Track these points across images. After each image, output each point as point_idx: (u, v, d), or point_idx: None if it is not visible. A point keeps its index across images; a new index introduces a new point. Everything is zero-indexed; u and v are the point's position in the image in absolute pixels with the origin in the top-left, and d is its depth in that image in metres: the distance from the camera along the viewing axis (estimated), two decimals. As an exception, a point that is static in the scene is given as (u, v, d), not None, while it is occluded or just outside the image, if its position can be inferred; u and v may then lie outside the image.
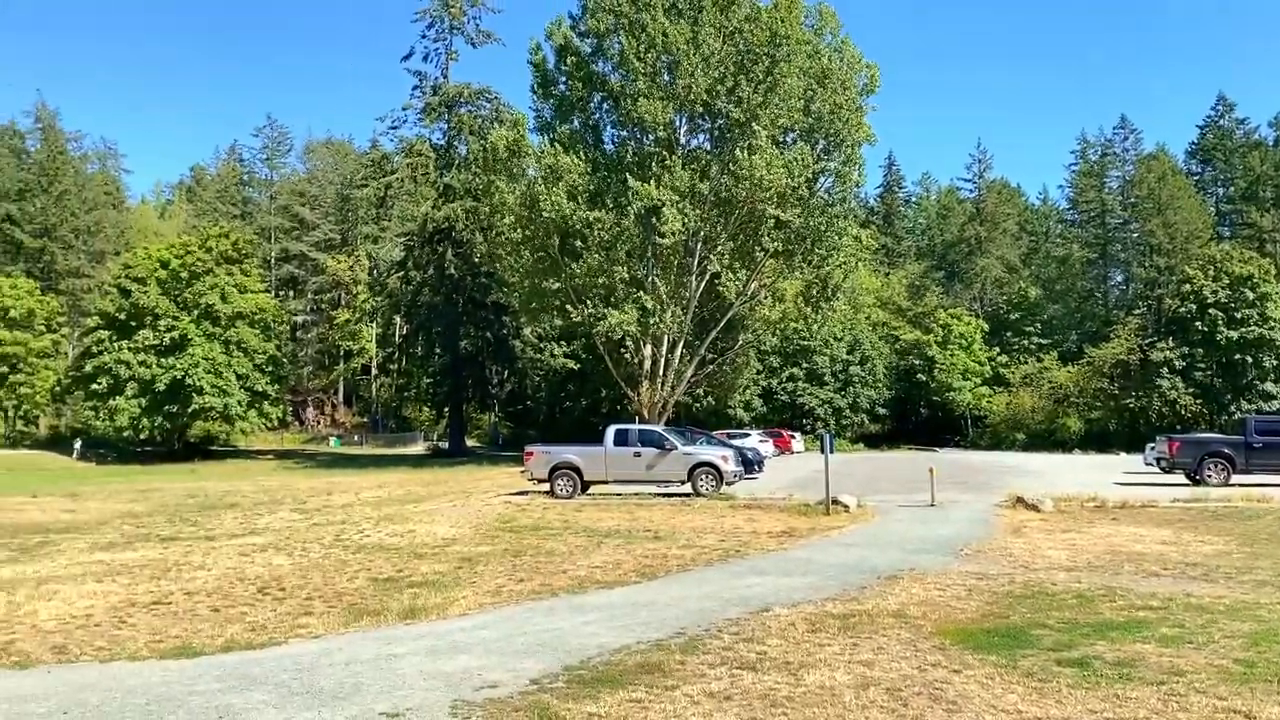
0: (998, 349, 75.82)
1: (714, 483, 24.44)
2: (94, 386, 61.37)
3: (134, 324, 61.30)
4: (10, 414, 71.09)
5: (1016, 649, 8.15)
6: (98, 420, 64.01)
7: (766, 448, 43.24)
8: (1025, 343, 77.14)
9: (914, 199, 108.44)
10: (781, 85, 37.17)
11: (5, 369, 68.69)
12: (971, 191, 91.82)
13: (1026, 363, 74.48)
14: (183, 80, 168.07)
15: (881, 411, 71.46)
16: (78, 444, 63.06)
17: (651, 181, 36.89)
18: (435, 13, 63.39)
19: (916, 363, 75.03)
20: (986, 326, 76.79)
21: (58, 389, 69.32)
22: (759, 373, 64.56)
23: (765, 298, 42.03)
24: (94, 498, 31.33)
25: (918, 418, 77.58)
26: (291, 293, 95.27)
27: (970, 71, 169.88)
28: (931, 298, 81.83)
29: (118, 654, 9.00)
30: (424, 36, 64.18)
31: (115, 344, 60.93)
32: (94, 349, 62.44)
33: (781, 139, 39.00)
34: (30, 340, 69.41)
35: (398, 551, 15.79)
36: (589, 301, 38.80)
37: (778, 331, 51.92)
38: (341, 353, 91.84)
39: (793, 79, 37.29)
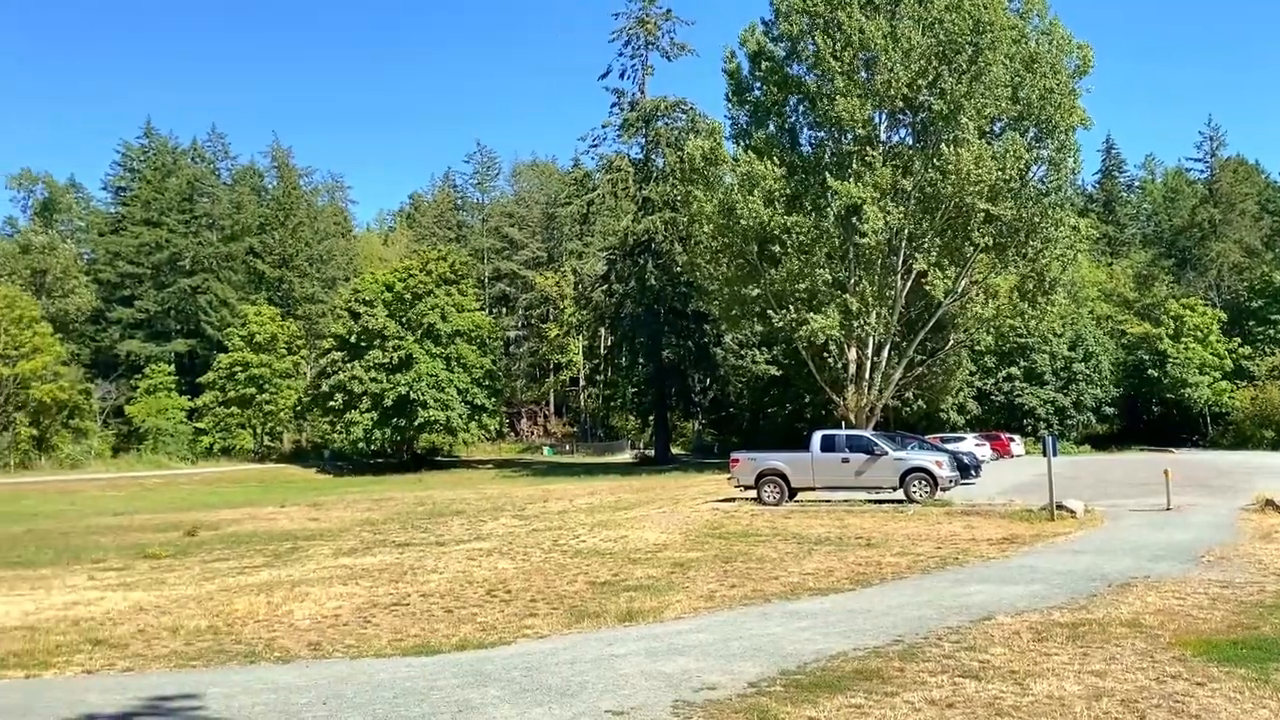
0: (1238, 340, 69.80)
1: (928, 489, 23.77)
2: (330, 403, 66.44)
3: (364, 344, 65.85)
4: (258, 430, 77.77)
5: (1269, 662, 7.56)
6: (334, 434, 69.14)
7: (983, 451, 41.61)
8: (1271, 332, 70.65)
9: (1137, 183, 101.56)
10: (987, 74, 35.73)
11: (253, 389, 75.34)
12: (1203, 172, 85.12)
13: (1274, 354, 68.21)
14: (401, 114, 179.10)
15: (1109, 411, 67.19)
16: (327, 453, 68.59)
17: (851, 180, 36.28)
18: (631, 30, 64.84)
19: (1146, 358, 70.14)
20: (1225, 316, 70.85)
21: (299, 406, 75.33)
22: (973, 373, 62.12)
23: (977, 295, 40.39)
24: (335, 507, 33.81)
25: (1150, 416, 72.45)
26: (504, 310, 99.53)
27: (1196, 40, 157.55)
28: (1161, 287, 76.33)
29: (365, 651, 9.73)
30: (620, 54, 65.80)
31: (348, 363, 65.68)
32: (329, 368, 67.51)
33: (989, 129, 37.49)
34: (274, 362, 75.92)
35: (612, 556, 16.25)
36: (790, 306, 38.53)
37: (992, 330, 49.88)
38: (551, 365, 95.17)
39: (998, 66, 35.77)
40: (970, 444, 41.11)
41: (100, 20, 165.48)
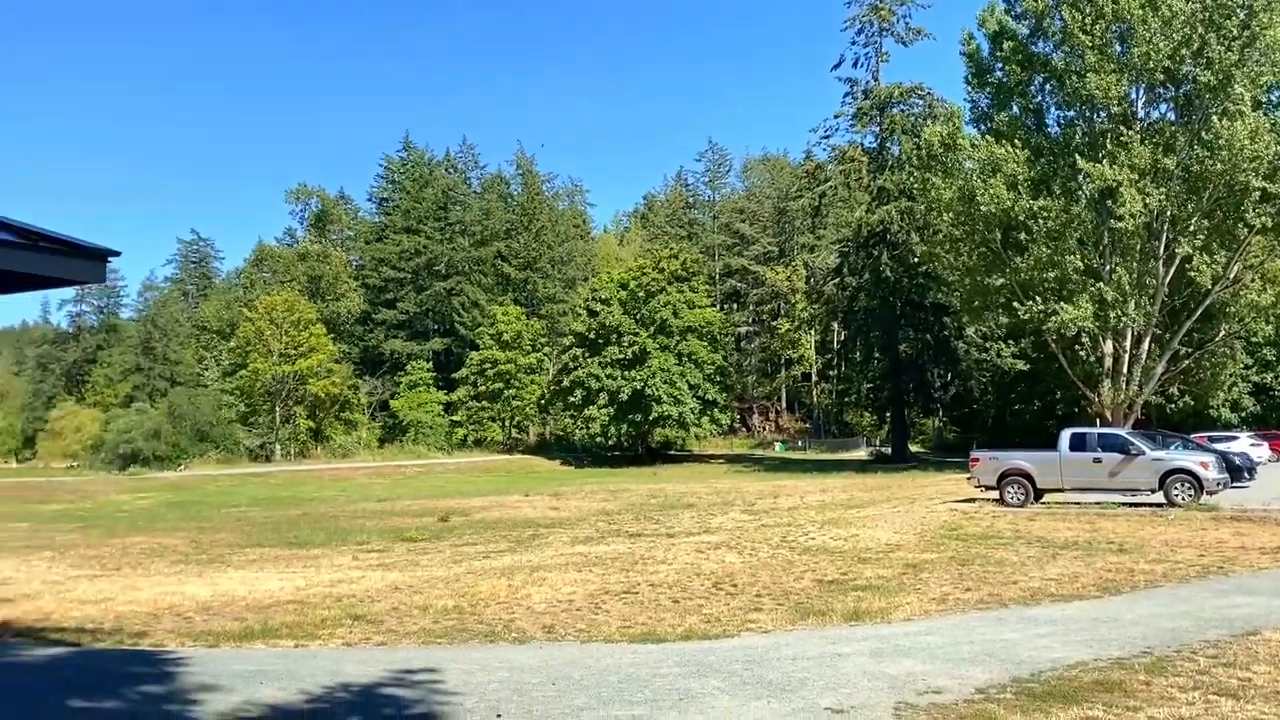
0: None
1: (1191, 492, 21.86)
2: (570, 398, 69.16)
3: (601, 341, 68.04)
4: (506, 423, 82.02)
5: None
6: (575, 428, 71.94)
7: (1260, 452, 37.80)
8: None
9: None
10: (1261, 39, 32.37)
11: (501, 385, 79.53)
12: None
13: None
14: (635, 118, 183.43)
15: None
16: (579, 447, 72.00)
17: (1104, 161, 33.83)
18: (864, 18, 63.43)
19: None
20: None
21: (542, 401, 78.81)
22: (1248, 367, 56.46)
23: (1252, 281, 36.69)
24: (574, 497, 35.15)
25: None
26: (735, 306, 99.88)
27: None
28: None
29: (594, 636, 10.08)
30: (853, 43, 64.49)
31: (587, 360, 68.08)
32: (570, 365, 70.23)
33: (1264, 99, 33.97)
34: (519, 358, 79.85)
35: (841, 555, 16.00)
36: (1037, 296, 36.41)
37: (1272, 319, 45.14)
38: (783, 361, 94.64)
39: (1275, 30, 32.34)
40: (1244, 444, 37.41)
41: (364, 47, 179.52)
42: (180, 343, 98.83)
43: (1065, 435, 24.13)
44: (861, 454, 70.83)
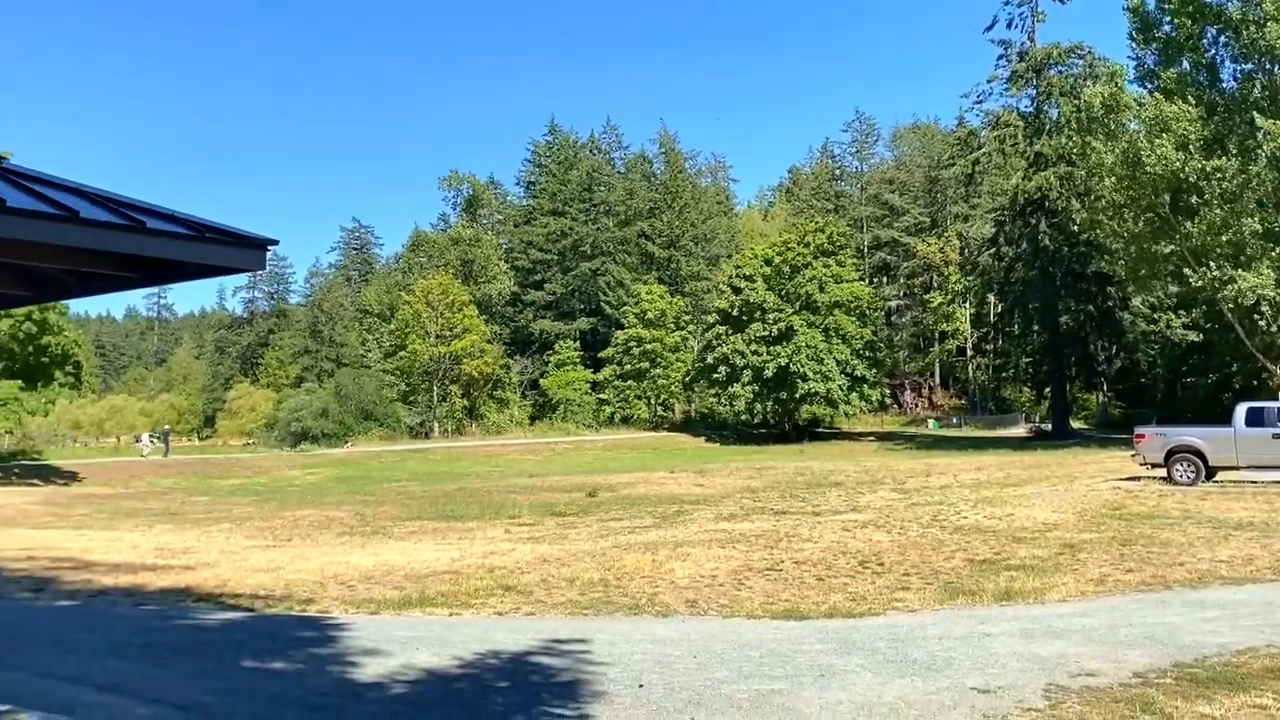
0: None
1: (1385, 470, 20.24)
2: (715, 375, 69.13)
3: (745, 318, 67.69)
4: (652, 401, 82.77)
5: None
6: (719, 405, 71.96)
7: None
8: None
9: None
10: None
11: (646, 363, 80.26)
12: None
13: None
14: (779, 91, 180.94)
15: None
16: (727, 426, 72.20)
17: (1287, 117, 31.51)
18: (1018, -24, 60.64)
19: None
20: None
21: (686, 378, 79.12)
22: None
23: None
24: (718, 474, 35.23)
25: None
26: (884, 279, 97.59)
27: None
28: None
29: (737, 611, 10.13)
30: (1006, 3, 61.62)
31: (730, 337, 67.86)
32: (713, 342, 70.17)
33: None
34: (664, 337, 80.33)
35: (995, 534, 15.53)
36: (1211, 263, 34.23)
37: None
38: (935, 335, 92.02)
39: None
40: None
41: (510, 37, 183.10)
42: (344, 326, 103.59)
43: (1241, 410, 22.65)
44: (1020, 431, 68.25)
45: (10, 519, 24.88)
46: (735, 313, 68.44)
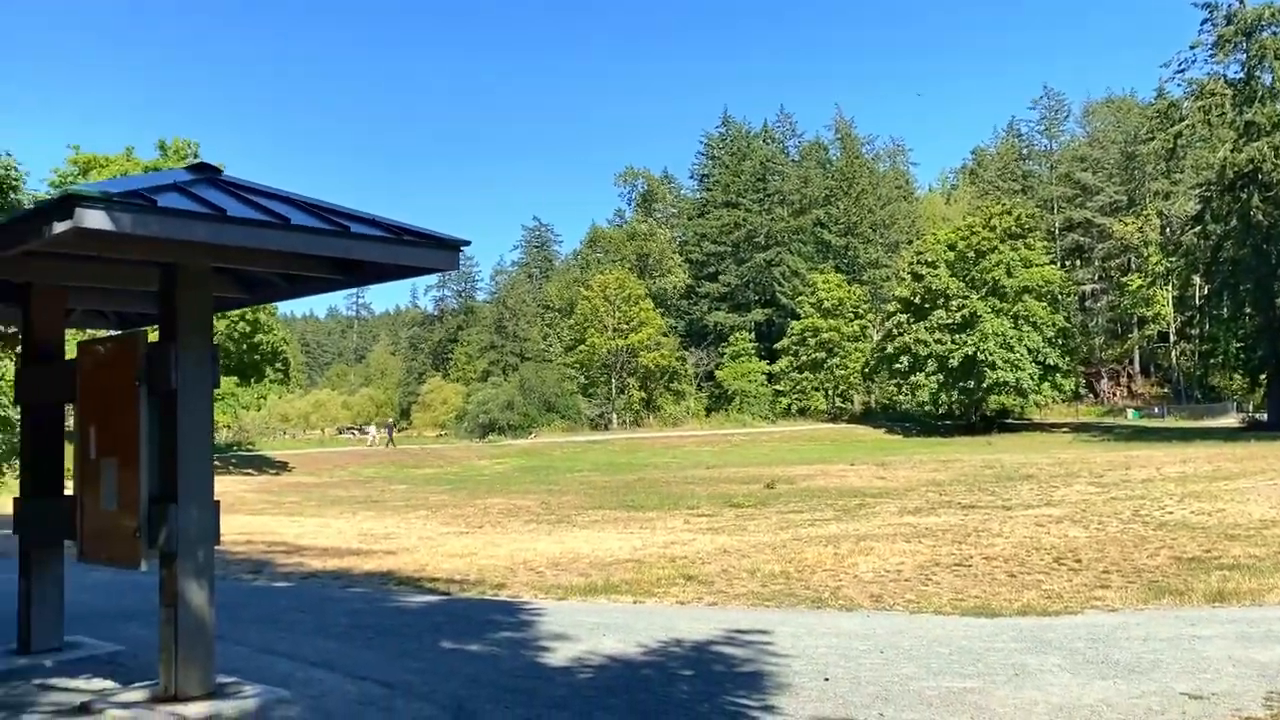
0: None
1: None
2: (896, 365, 67.45)
3: (927, 305, 65.72)
4: (829, 392, 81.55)
5: None
6: (900, 396, 70.14)
7: None
8: None
9: None
10: None
11: (823, 354, 79.12)
12: None
13: None
14: (960, 69, 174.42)
15: None
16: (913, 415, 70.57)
17: None
18: (1225, -68, 56.23)
19: None
20: None
21: (866, 369, 77.53)
22: None
23: None
24: (901, 467, 34.39)
25: None
26: (1077, 262, 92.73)
27: None
28: None
29: (924, 607, 9.86)
30: (1211, -37, 57.33)
31: (912, 325, 66.05)
32: (894, 331, 68.49)
33: None
34: (842, 326, 78.98)
35: (1204, 531, 14.51)
36: None
37: None
38: (1134, 320, 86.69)
39: None
40: None
41: (680, 31, 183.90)
42: (527, 321, 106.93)
43: None
44: (1230, 421, 63.43)
45: (229, 505, 26.83)
46: (917, 300, 66.55)
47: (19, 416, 24.61)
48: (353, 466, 49.71)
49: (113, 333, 8.67)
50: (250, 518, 22.51)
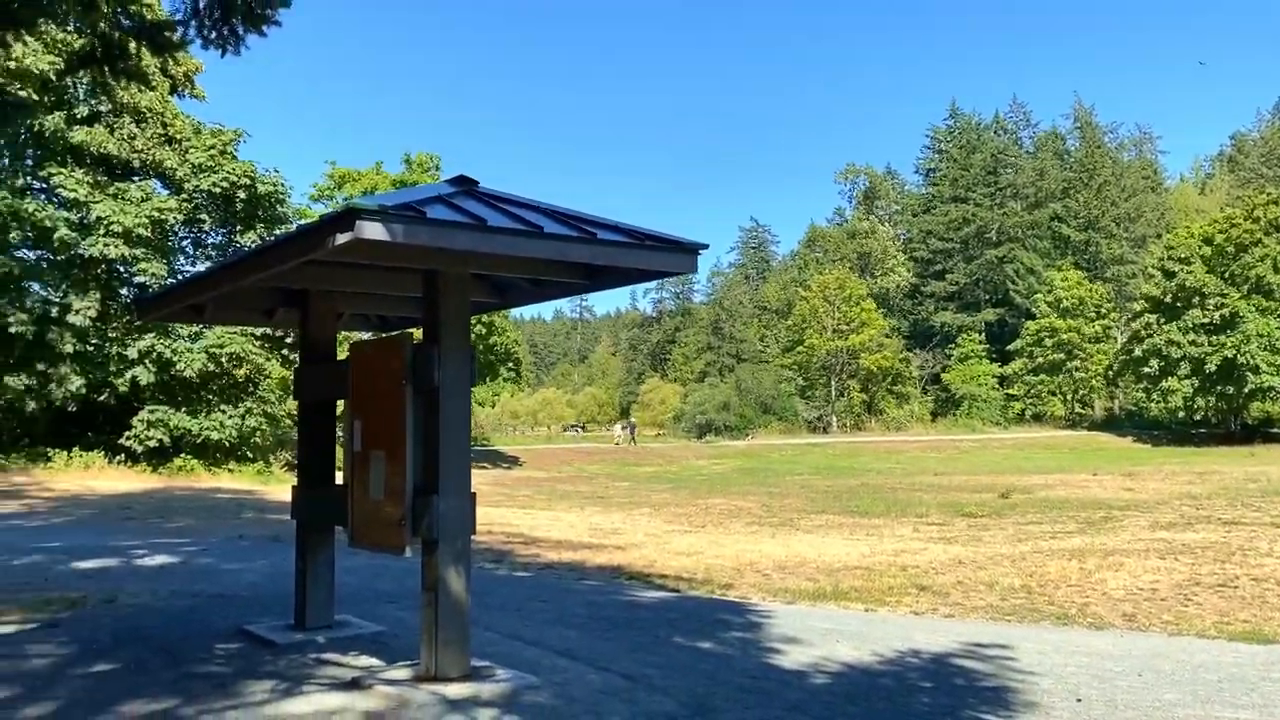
0: None
1: None
2: (1144, 369, 62.73)
3: (1180, 304, 60.81)
4: (1068, 397, 76.93)
5: None
6: (1149, 402, 65.20)
7: None
8: None
9: None
10: None
11: (1062, 356, 74.73)
12: None
13: None
14: (1212, 47, 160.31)
15: None
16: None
17: None
18: None
19: None
20: None
21: (1109, 372, 72.61)
22: None
23: None
24: (1151, 478, 32.00)
25: None
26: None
27: None
28: None
29: (1184, 629, 9.16)
30: None
31: (1163, 326, 61.27)
32: (1142, 332, 63.76)
33: None
34: (1081, 327, 74.31)
35: None
36: None
37: None
38: None
39: None
40: None
41: (903, 23, 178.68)
42: (744, 322, 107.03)
43: None
44: None
45: (469, 497, 28.51)
46: (1168, 299, 61.71)
47: (282, 413, 26.94)
48: (578, 463, 51.42)
49: (368, 335, 9.37)
50: (488, 509, 23.68)
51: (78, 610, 8.80)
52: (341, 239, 4.91)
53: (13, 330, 27.93)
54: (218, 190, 31.90)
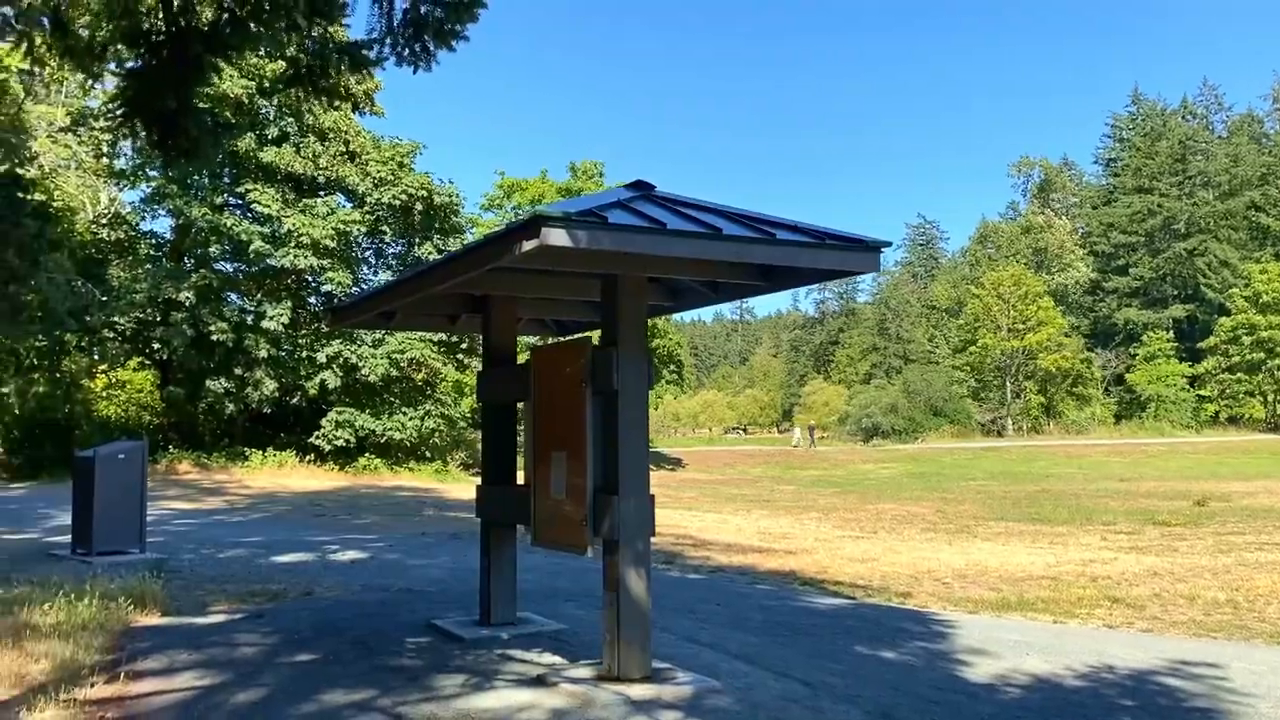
0: None
1: None
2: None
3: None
4: (1269, 398, 71.47)
5: None
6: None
7: None
8: None
9: None
10: None
11: (1262, 354, 69.48)
12: None
13: None
14: None
15: None
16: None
17: None
18: None
19: None
20: None
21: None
22: None
23: None
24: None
25: None
26: None
27: None
28: None
29: None
30: None
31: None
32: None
33: None
34: (1283, 323, 68.93)
35: None
36: None
37: None
38: None
39: None
40: None
41: (1081, 11, 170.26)
42: (911, 322, 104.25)
43: None
44: None
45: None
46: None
47: (458, 415, 27.89)
48: (740, 465, 51.20)
49: (534, 339, 9.56)
50: (655, 510, 23.85)
51: (279, 603, 9.36)
52: (528, 245, 5.03)
53: (214, 338, 30.07)
54: (397, 202, 33.39)
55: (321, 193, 33.72)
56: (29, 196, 8.06)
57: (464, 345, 34.75)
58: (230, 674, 6.36)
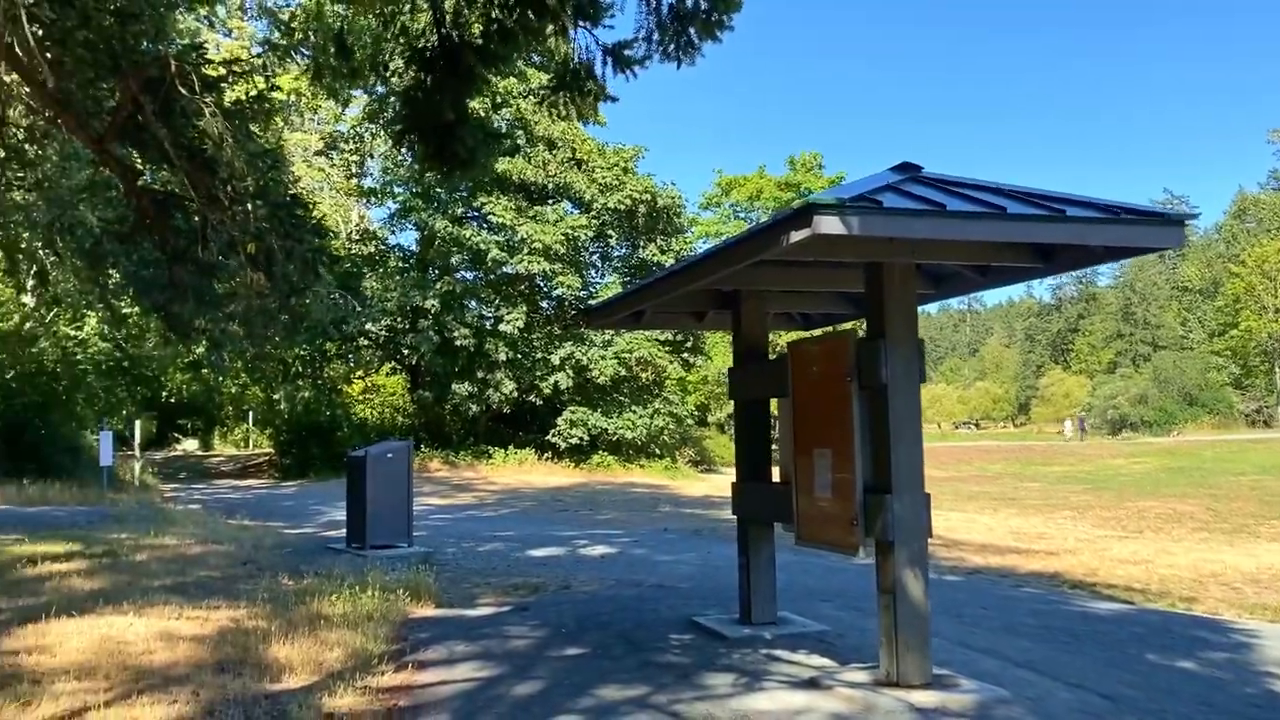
0: None
1: None
2: None
3: None
4: None
5: None
6: None
7: None
8: None
9: None
10: None
11: None
12: None
13: None
14: None
15: None
16: None
17: None
18: None
19: None
20: None
21: None
22: None
23: None
24: None
25: None
26: None
27: None
28: None
29: None
30: None
31: None
32: None
33: None
34: None
35: None
36: None
37: None
38: None
39: None
40: None
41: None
42: (1160, 306, 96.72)
43: None
44: None
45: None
46: None
47: (684, 413, 28.07)
48: (977, 462, 48.95)
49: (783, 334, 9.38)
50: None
51: (540, 596, 9.65)
52: (798, 236, 4.87)
53: (458, 343, 31.71)
54: (621, 207, 34.08)
55: (550, 200, 34.87)
56: (308, 215, 8.63)
57: (689, 344, 35.00)
58: (506, 666, 6.56)
